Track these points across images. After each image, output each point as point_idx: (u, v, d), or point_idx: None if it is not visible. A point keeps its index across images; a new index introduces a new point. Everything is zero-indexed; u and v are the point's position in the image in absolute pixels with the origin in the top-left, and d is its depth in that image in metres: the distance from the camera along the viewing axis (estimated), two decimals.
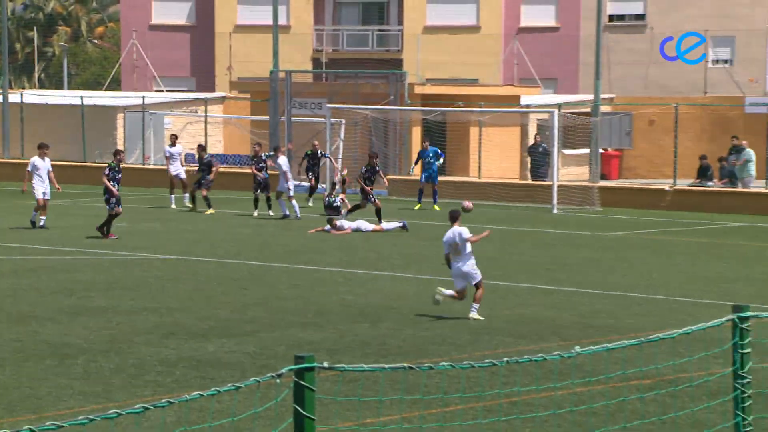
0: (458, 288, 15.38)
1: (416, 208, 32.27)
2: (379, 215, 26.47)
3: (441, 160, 32.95)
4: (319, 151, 33.04)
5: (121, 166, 24.83)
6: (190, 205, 30.98)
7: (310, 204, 31.83)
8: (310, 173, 32.79)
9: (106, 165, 25.04)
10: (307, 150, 33.74)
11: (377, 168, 28.11)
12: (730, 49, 51.40)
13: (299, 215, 28.34)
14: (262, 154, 30.12)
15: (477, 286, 15.25)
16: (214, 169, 30.13)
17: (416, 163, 33.62)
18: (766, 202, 32.38)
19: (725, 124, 41.19)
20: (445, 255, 15.54)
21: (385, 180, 29.79)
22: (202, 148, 31.29)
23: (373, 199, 27.10)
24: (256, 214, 29.44)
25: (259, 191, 29.76)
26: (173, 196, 31.90)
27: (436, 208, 31.84)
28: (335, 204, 28.79)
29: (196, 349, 13.34)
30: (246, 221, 28.42)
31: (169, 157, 32.06)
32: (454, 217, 15.43)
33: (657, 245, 24.37)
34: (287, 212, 28.52)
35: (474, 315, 15.14)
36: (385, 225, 26.29)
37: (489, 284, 18.36)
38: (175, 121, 45.28)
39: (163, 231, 26.15)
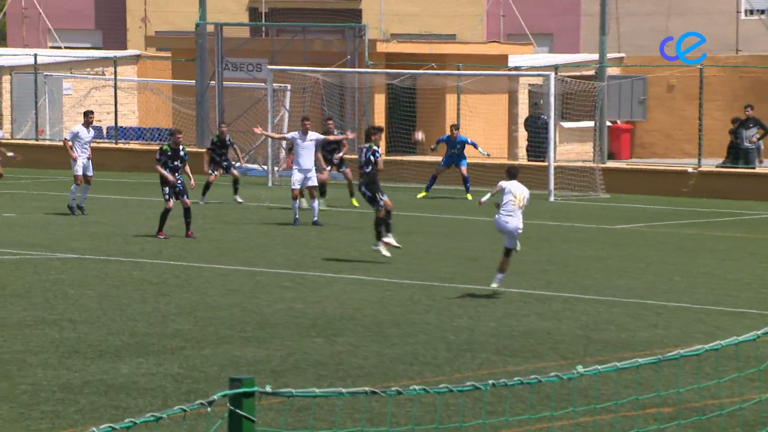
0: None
1: (420, 196, 32.13)
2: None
3: (480, 148, 32.67)
4: (227, 138, 31.31)
5: (178, 147, 23.54)
6: None
7: (239, 200, 30.07)
8: (214, 164, 30.23)
9: (157, 149, 24.12)
10: (212, 137, 32.55)
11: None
12: None
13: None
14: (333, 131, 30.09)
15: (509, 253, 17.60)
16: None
17: (438, 143, 32.38)
18: None
19: (763, 89, 41.50)
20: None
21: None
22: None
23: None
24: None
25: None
26: None
27: (469, 197, 31.28)
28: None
29: (106, 371, 13.31)
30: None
31: None
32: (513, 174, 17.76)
33: (678, 241, 24.55)
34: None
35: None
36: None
37: (472, 289, 18.44)
38: (76, 86, 45.08)
39: (62, 223, 26.03)
